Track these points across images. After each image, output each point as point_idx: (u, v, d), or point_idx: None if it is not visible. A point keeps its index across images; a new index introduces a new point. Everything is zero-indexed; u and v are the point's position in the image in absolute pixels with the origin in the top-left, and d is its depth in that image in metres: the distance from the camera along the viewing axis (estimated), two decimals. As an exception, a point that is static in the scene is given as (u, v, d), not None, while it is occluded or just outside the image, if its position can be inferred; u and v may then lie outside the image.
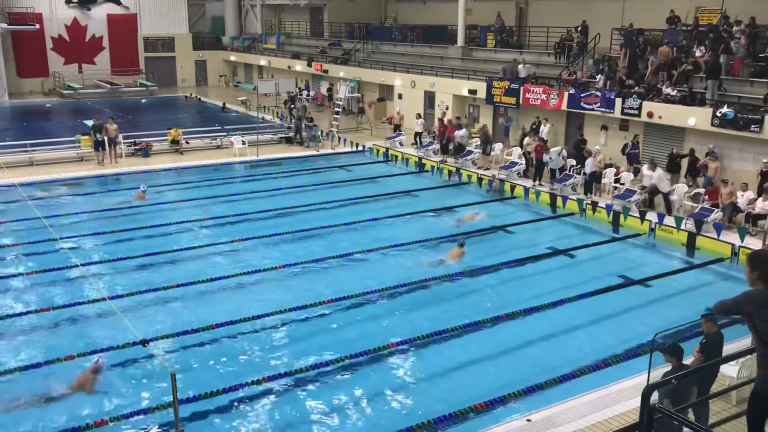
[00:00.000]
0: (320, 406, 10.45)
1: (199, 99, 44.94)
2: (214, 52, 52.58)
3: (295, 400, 10.63)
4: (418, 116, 29.35)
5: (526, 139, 24.31)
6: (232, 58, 51.78)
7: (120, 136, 26.82)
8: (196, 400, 10.32)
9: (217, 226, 19.19)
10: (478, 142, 26.41)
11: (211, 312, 13.50)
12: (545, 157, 22.26)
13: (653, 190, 19.47)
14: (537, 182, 22.43)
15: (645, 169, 20.03)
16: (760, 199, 17.56)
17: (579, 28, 27.52)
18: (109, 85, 47.15)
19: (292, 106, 33.33)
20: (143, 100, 45.36)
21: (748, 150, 20.12)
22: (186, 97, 46.10)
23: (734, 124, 19.61)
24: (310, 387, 10.97)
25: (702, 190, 19.17)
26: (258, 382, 10.88)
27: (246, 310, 13.49)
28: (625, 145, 22.52)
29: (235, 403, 10.41)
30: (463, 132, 26.17)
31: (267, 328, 12.99)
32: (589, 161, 21.03)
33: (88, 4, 47.79)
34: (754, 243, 15.95)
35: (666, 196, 19.29)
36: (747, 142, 19.91)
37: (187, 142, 29.24)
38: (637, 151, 22.44)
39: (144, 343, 11.67)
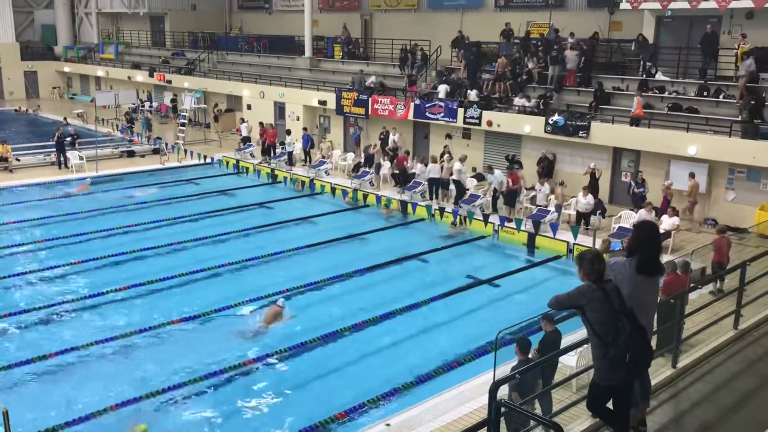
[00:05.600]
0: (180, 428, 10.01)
1: (28, 111, 41.73)
2: (45, 63, 49.06)
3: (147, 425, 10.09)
4: (243, 120, 30.28)
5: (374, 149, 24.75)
6: (66, 69, 48.63)
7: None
8: (34, 438, 9.54)
9: (54, 248, 17.87)
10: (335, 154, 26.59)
11: (47, 340, 12.56)
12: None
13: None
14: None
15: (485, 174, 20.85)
16: (580, 194, 18.89)
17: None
18: None
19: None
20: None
21: (578, 154, 21.73)
22: (16, 110, 42.65)
23: (564, 130, 21.11)
24: (163, 411, 10.48)
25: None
26: (102, 412, 10.24)
27: (85, 337, 12.68)
28: (629, 186, 19.56)
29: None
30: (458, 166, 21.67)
31: (108, 354, 12.27)
32: (432, 167, 21.75)
33: None
34: (587, 240, 17.19)
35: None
36: (576, 146, 21.49)
37: (18, 159, 27.08)
38: (643, 190, 18.68)
39: (-29, 380, 10.63)
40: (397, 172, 23.11)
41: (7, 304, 14.16)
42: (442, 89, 25.11)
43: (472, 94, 24.22)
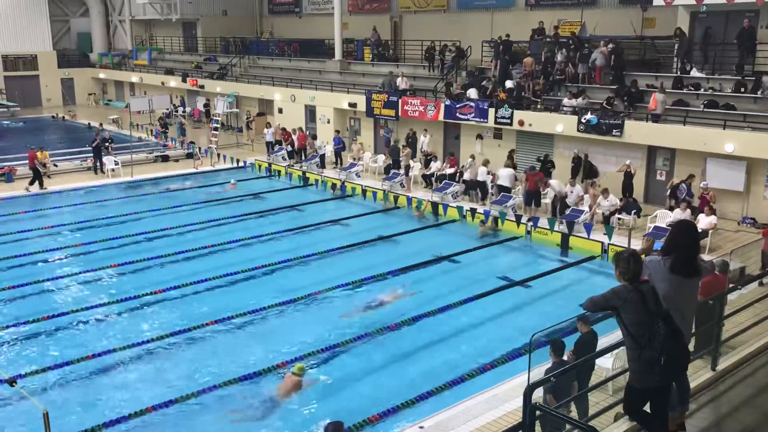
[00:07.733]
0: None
1: (64, 118, 42.63)
2: (81, 70, 50.07)
3: (179, 429, 10.21)
4: (268, 125, 30.88)
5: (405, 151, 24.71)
6: (101, 76, 49.56)
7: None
8: (73, 439, 9.71)
9: (91, 252, 18.17)
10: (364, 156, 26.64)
11: (86, 342, 12.77)
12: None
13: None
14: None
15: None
16: (600, 197, 18.79)
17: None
18: (-36, 107, 43.83)
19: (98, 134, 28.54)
20: (5, 122, 42.44)
21: (611, 153, 21.44)
22: (53, 117, 43.60)
23: (597, 129, 20.84)
24: (188, 415, 10.57)
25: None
26: (140, 413, 10.37)
27: (126, 339, 12.86)
28: (674, 188, 18.68)
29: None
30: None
31: (149, 355, 12.43)
32: (482, 170, 21.63)
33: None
34: (623, 240, 16.92)
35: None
36: (610, 145, 21.21)
37: (55, 165, 27.64)
38: (691, 198, 18.11)
39: (11, 382, 10.82)
40: (429, 173, 23.09)
41: (45, 307, 14.41)
42: (473, 92, 24.98)
43: (509, 83, 24.01)
